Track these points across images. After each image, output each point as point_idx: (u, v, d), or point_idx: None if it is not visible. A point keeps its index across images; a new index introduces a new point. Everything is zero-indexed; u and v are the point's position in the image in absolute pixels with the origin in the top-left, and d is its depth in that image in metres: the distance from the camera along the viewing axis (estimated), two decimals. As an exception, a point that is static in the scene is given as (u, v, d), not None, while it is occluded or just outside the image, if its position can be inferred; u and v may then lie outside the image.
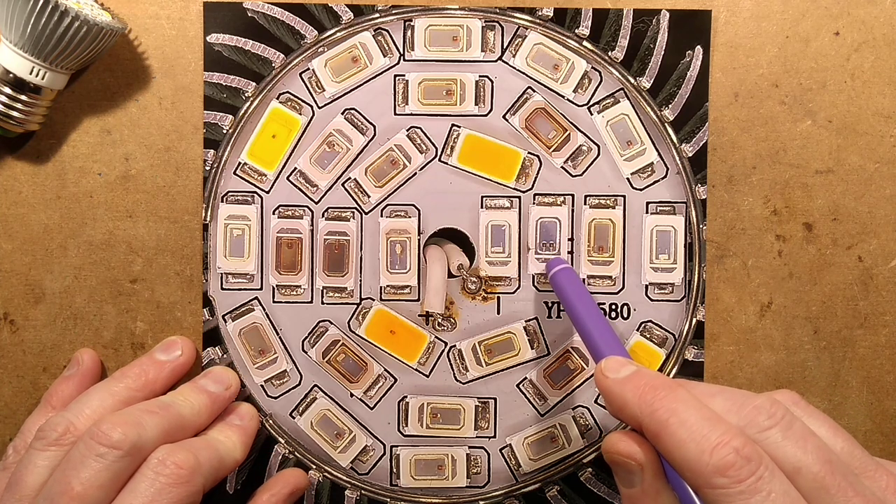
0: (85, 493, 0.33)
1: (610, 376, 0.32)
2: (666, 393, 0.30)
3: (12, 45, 0.38)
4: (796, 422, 0.29)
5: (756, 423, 0.29)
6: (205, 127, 0.42)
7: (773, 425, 0.29)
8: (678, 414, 0.29)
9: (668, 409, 0.30)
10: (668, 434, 0.29)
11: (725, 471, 0.28)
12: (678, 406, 0.30)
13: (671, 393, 0.30)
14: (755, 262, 0.42)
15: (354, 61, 0.42)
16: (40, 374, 0.42)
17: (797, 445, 0.29)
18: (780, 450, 0.29)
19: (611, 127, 0.42)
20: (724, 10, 0.42)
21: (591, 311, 0.37)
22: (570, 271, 0.40)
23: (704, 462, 0.28)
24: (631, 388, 0.31)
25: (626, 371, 0.32)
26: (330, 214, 0.42)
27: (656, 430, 0.30)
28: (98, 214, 0.42)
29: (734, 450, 0.28)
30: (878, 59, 0.42)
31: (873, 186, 0.42)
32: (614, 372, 0.32)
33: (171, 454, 0.35)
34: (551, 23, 0.42)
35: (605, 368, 0.33)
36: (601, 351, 0.35)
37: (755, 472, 0.28)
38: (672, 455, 0.29)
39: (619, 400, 0.31)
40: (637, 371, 0.32)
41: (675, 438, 0.29)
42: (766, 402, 0.30)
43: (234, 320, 0.42)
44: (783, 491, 0.28)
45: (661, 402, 0.30)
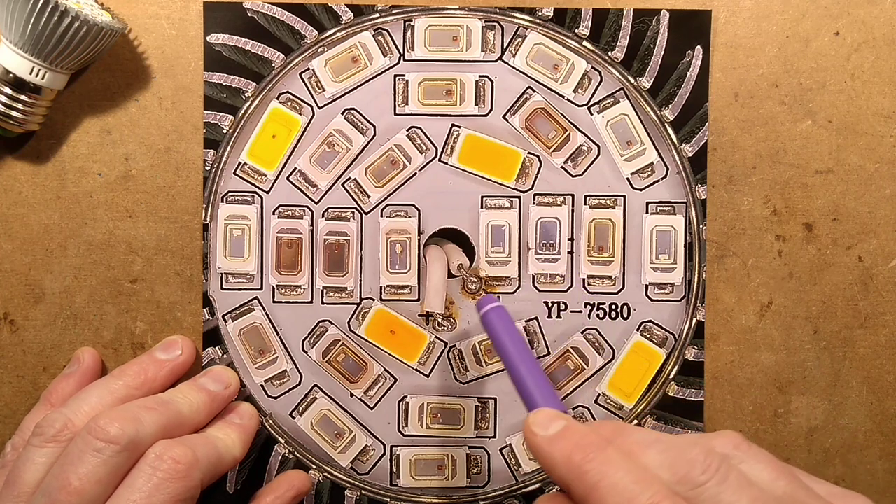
0: (83, 489, 0.33)
1: (538, 433, 0.31)
2: (595, 454, 0.29)
3: (12, 45, 0.38)
4: (732, 472, 0.29)
5: (689, 479, 0.28)
6: (205, 127, 0.42)
7: (707, 480, 0.28)
8: (607, 477, 0.28)
9: (598, 473, 0.29)
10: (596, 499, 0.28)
11: None
12: (607, 469, 0.29)
13: (600, 454, 0.29)
14: (755, 262, 0.42)
15: (354, 61, 0.42)
16: (40, 373, 0.42)
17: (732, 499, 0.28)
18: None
19: (611, 127, 0.42)
20: (724, 10, 0.42)
21: (524, 354, 0.36)
22: (502, 310, 0.38)
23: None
24: (559, 448, 0.30)
25: (555, 428, 0.31)
26: (330, 214, 0.42)
27: (584, 495, 0.29)
28: (98, 214, 0.42)
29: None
30: (878, 59, 0.42)
31: (873, 186, 0.42)
32: (543, 428, 0.31)
33: (169, 449, 0.35)
34: (551, 23, 0.42)
35: (532, 423, 0.31)
36: (533, 400, 0.34)
37: None
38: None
39: (547, 459, 0.30)
40: (566, 427, 0.31)
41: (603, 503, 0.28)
42: (700, 455, 0.29)
43: (234, 320, 0.42)
44: None
45: (590, 465, 0.29)
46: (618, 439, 0.30)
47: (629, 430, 0.31)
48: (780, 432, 0.42)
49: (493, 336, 0.37)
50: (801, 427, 0.42)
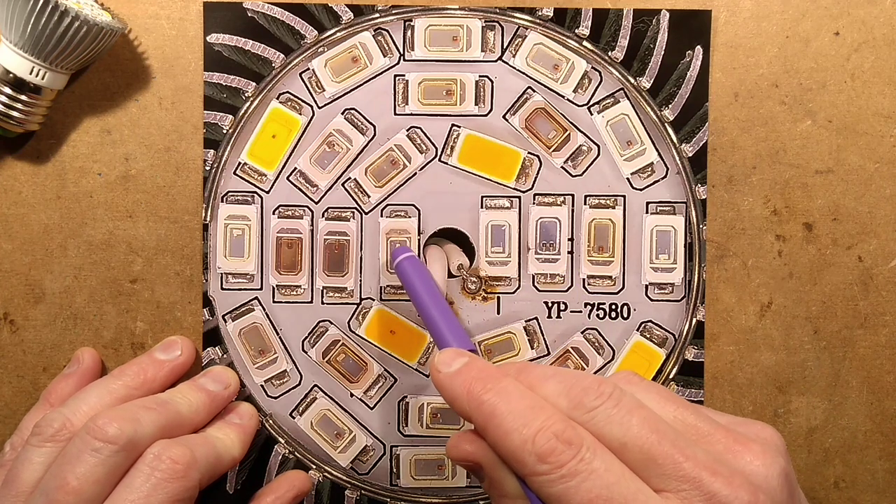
0: (81, 488, 0.33)
1: (441, 370, 0.32)
2: (492, 385, 0.30)
3: (12, 45, 0.38)
4: (625, 397, 0.29)
5: (583, 404, 0.29)
6: (205, 127, 0.42)
7: (599, 404, 0.29)
8: (502, 405, 0.30)
9: (493, 402, 0.30)
10: (494, 427, 0.29)
11: (546, 457, 0.28)
12: (502, 398, 0.30)
13: (497, 384, 0.30)
14: (755, 262, 0.42)
15: (354, 61, 0.42)
16: (40, 373, 0.42)
17: (623, 420, 0.29)
18: (606, 427, 0.29)
19: (611, 127, 0.42)
20: (724, 10, 0.42)
21: (435, 299, 0.37)
22: (414, 259, 0.39)
23: (527, 451, 0.28)
24: (459, 382, 0.31)
25: (458, 364, 0.32)
26: (330, 214, 0.42)
27: (483, 423, 0.30)
28: (98, 214, 0.42)
29: (554, 435, 0.28)
30: (878, 59, 0.42)
31: (873, 186, 0.42)
32: (446, 365, 0.32)
33: (167, 449, 0.35)
34: (551, 23, 0.42)
35: (437, 362, 0.32)
36: (443, 341, 0.35)
37: (576, 454, 0.28)
38: (498, 447, 0.29)
39: (449, 395, 0.31)
40: (467, 363, 0.32)
41: (499, 431, 0.29)
42: (593, 383, 0.30)
43: (234, 320, 0.42)
44: (605, 468, 0.28)
45: (486, 395, 0.30)
46: (520, 375, 0.31)
47: (532, 366, 0.32)
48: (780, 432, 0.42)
49: (406, 283, 0.39)
50: (801, 427, 0.42)
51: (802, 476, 0.42)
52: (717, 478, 0.28)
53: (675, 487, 0.28)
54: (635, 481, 0.28)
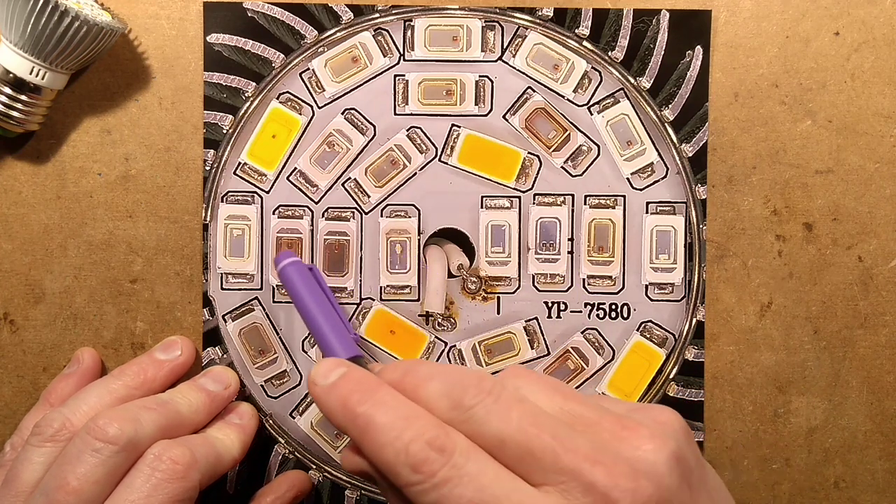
0: (81, 488, 0.33)
1: (318, 384, 0.31)
2: (367, 397, 0.29)
3: (12, 45, 0.38)
4: (504, 392, 0.29)
5: (462, 403, 0.29)
6: (205, 127, 0.42)
7: (478, 402, 0.29)
8: (376, 418, 0.29)
9: (366, 416, 0.29)
10: (369, 441, 0.29)
11: (419, 467, 0.27)
12: (377, 410, 0.29)
13: (371, 397, 0.29)
14: (755, 262, 0.42)
15: (354, 61, 0.42)
16: (40, 373, 0.42)
17: (501, 416, 0.28)
18: (484, 425, 0.28)
19: (611, 127, 0.42)
20: (724, 10, 0.42)
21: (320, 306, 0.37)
22: (299, 265, 0.39)
23: (401, 463, 0.28)
24: (335, 396, 0.30)
25: (334, 376, 0.31)
26: (330, 214, 0.42)
27: (359, 438, 0.29)
28: (98, 214, 0.42)
29: (427, 443, 0.28)
30: (878, 59, 0.42)
31: (873, 186, 0.42)
32: (323, 378, 0.31)
33: (168, 450, 0.35)
34: (551, 23, 0.42)
35: (314, 375, 0.31)
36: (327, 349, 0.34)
37: (448, 460, 0.27)
38: (375, 461, 0.29)
39: (325, 409, 0.31)
40: (344, 375, 0.31)
41: (374, 445, 0.29)
42: (474, 380, 0.29)
43: (234, 320, 0.42)
44: (478, 471, 0.27)
45: (360, 408, 0.29)
46: (405, 378, 0.30)
47: (417, 366, 0.31)
48: (780, 432, 0.42)
49: (289, 290, 0.38)
50: (801, 427, 0.42)
51: (802, 476, 0.42)
52: (597, 467, 0.27)
53: (554, 480, 0.27)
54: (512, 480, 0.28)
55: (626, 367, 0.42)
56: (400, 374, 0.31)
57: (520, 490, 0.27)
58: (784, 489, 0.42)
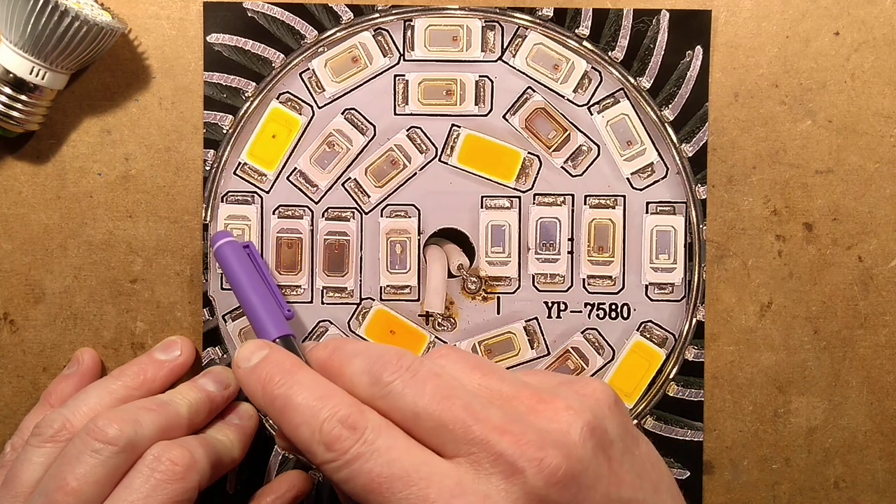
0: (80, 489, 0.33)
1: (241, 366, 0.32)
2: (284, 379, 0.30)
3: (12, 45, 0.38)
4: (422, 368, 0.29)
5: (381, 380, 0.29)
6: (205, 127, 0.42)
7: (395, 378, 0.29)
8: (294, 399, 0.29)
9: (284, 397, 0.30)
10: (286, 422, 0.29)
11: (332, 445, 0.28)
12: (294, 391, 0.30)
13: (289, 378, 0.30)
14: (755, 262, 0.42)
15: (354, 61, 0.42)
16: (40, 374, 0.42)
17: (416, 391, 0.29)
18: (400, 400, 0.29)
19: (611, 127, 0.42)
20: (724, 10, 0.42)
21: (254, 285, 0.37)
22: (234, 244, 0.39)
23: (316, 441, 0.28)
24: (255, 378, 0.31)
25: (256, 358, 0.31)
26: (330, 214, 0.42)
27: (277, 419, 0.30)
28: (98, 214, 0.42)
29: (339, 422, 0.28)
30: (878, 59, 0.42)
31: (873, 186, 0.42)
32: (245, 360, 0.32)
33: (167, 451, 0.35)
34: (551, 23, 0.42)
35: (237, 358, 0.32)
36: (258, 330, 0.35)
37: (360, 437, 0.28)
38: (294, 441, 0.29)
39: (247, 391, 0.31)
40: (265, 357, 0.31)
41: (291, 425, 0.29)
42: (394, 356, 0.30)
43: (234, 320, 0.42)
44: (388, 446, 0.28)
45: (278, 390, 0.30)
46: (333, 354, 0.31)
47: (344, 344, 0.31)
48: (780, 432, 0.42)
49: (224, 269, 0.39)
50: (801, 427, 0.42)
51: (802, 476, 0.42)
52: (505, 437, 0.28)
53: (465, 451, 0.28)
54: (422, 452, 0.28)
55: (626, 367, 0.42)
56: (328, 353, 0.31)
57: (429, 462, 0.28)
58: (784, 489, 0.42)
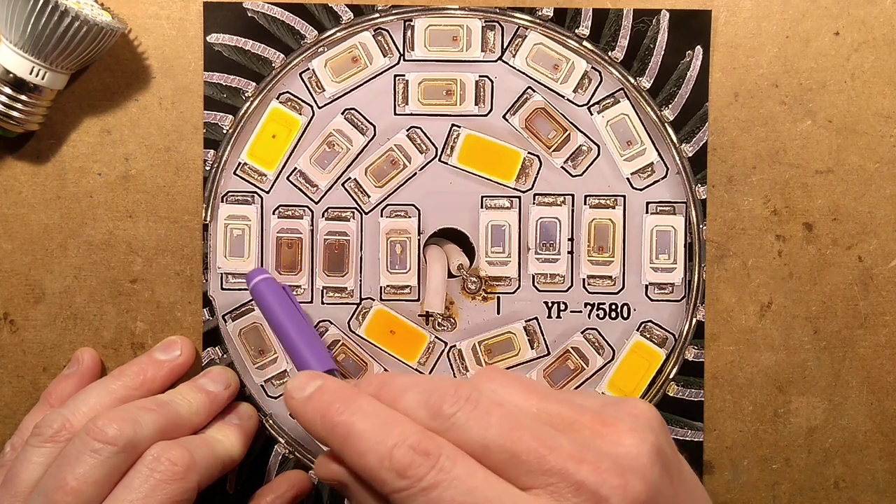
0: (79, 489, 0.33)
1: (295, 396, 0.31)
2: (346, 406, 0.29)
3: (12, 45, 0.38)
4: (482, 398, 0.29)
5: (442, 412, 0.29)
6: (205, 127, 0.42)
7: (456, 410, 0.28)
8: (357, 426, 0.29)
9: (346, 424, 0.29)
10: (350, 448, 0.29)
11: (405, 472, 0.27)
12: (355, 418, 0.29)
13: (349, 406, 0.29)
14: (755, 262, 0.42)
15: (354, 61, 0.42)
16: (40, 374, 0.42)
17: (481, 422, 0.28)
18: (466, 432, 0.28)
19: (611, 127, 0.42)
20: (724, 10, 0.42)
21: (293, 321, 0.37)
22: (271, 281, 0.40)
23: (385, 468, 0.28)
24: (312, 407, 0.30)
25: (311, 388, 0.31)
26: (330, 214, 0.42)
27: (339, 447, 0.29)
28: (98, 214, 0.42)
29: (411, 448, 0.28)
30: (878, 59, 0.42)
31: (873, 186, 0.42)
32: (299, 391, 0.31)
33: (166, 451, 0.35)
34: (551, 23, 0.42)
35: (290, 388, 0.32)
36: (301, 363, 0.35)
37: (435, 464, 0.27)
38: (357, 469, 0.29)
39: (304, 421, 0.31)
40: (321, 387, 0.31)
41: (356, 452, 0.28)
42: (451, 388, 0.29)
43: (234, 320, 0.42)
44: (467, 473, 0.27)
45: (340, 417, 0.29)
46: (381, 390, 0.30)
47: (392, 379, 0.31)
48: (780, 432, 0.42)
49: (262, 306, 0.39)
50: (801, 427, 0.42)
51: (802, 476, 0.42)
52: (583, 465, 0.27)
53: (542, 482, 0.27)
54: (500, 483, 0.27)
55: (626, 367, 0.42)
56: (376, 388, 0.31)
57: (510, 493, 0.27)
58: (784, 489, 0.42)
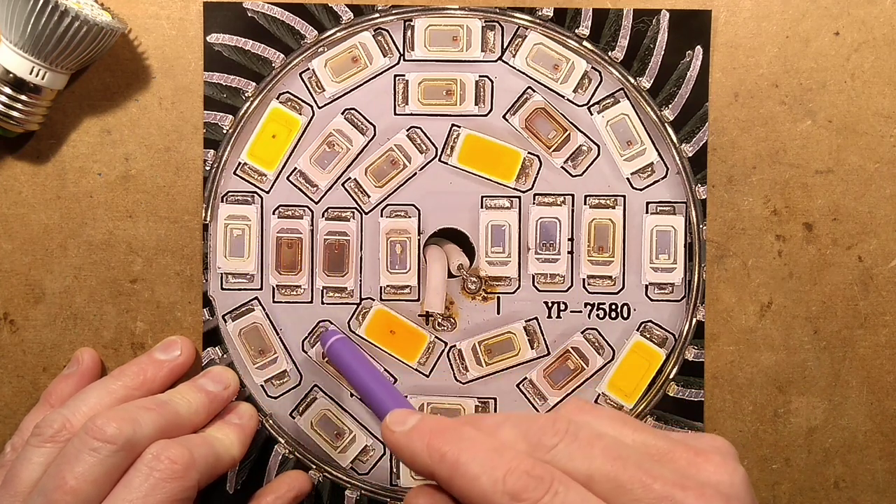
0: (79, 488, 0.33)
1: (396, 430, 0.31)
2: (452, 435, 0.30)
3: (12, 45, 0.38)
4: (582, 430, 0.29)
5: (542, 445, 0.29)
6: (205, 127, 0.42)
7: (558, 441, 0.29)
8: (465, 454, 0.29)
9: (456, 450, 0.29)
10: (460, 475, 0.29)
11: (520, 495, 0.28)
12: (465, 445, 0.29)
13: (457, 433, 0.30)
14: (755, 262, 0.42)
15: (354, 61, 0.42)
16: (40, 373, 0.42)
17: (584, 453, 0.29)
18: (570, 463, 0.29)
19: (611, 127, 0.42)
20: (724, 10, 0.42)
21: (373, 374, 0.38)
22: (346, 340, 0.40)
23: (499, 492, 0.28)
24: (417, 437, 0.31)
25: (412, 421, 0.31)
26: (330, 214, 0.42)
27: (448, 473, 0.29)
28: (98, 214, 0.42)
29: (525, 473, 0.28)
30: (878, 59, 0.42)
31: (873, 186, 0.42)
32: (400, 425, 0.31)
33: (166, 449, 0.35)
34: (551, 23, 0.42)
35: (390, 423, 0.32)
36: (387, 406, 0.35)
37: (549, 488, 0.28)
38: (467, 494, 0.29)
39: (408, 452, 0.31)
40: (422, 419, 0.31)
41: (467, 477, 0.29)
42: (548, 422, 0.30)
43: (234, 320, 0.42)
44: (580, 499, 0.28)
45: (448, 445, 0.30)
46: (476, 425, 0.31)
47: (481, 417, 0.31)
48: (780, 432, 0.42)
49: (342, 365, 0.39)
50: (801, 427, 0.42)
51: (802, 476, 0.42)
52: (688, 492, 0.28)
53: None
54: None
55: (626, 367, 0.42)
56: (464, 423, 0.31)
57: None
58: (784, 489, 0.42)
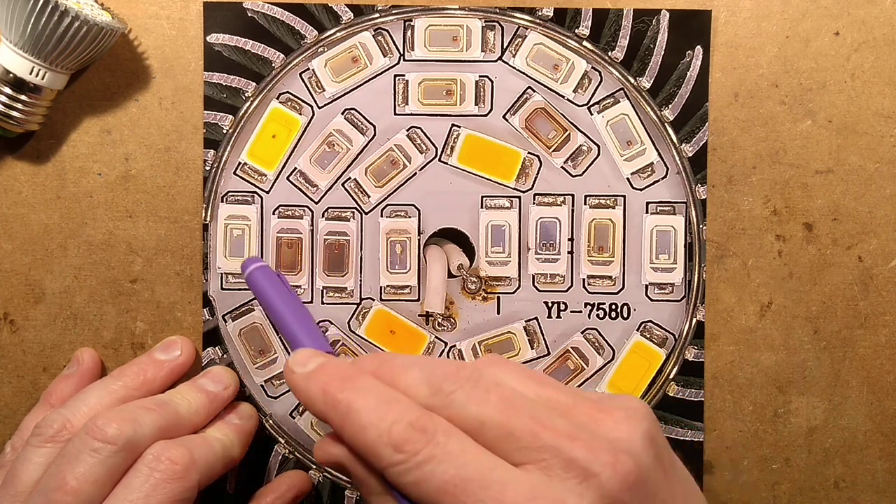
0: (79, 488, 0.33)
1: (297, 370, 0.32)
2: (347, 384, 0.30)
3: (12, 45, 0.38)
4: (482, 379, 0.30)
5: (442, 389, 0.29)
6: (205, 127, 0.42)
7: (457, 388, 0.29)
8: (357, 403, 0.29)
9: (348, 400, 0.30)
10: (350, 424, 0.29)
11: (402, 446, 0.28)
12: (357, 395, 0.30)
13: (352, 383, 0.30)
14: (755, 262, 0.42)
15: (354, 61, 0.42)
16: (40, 374, 0.42)
17: (480, 400, 0.29)
18: (463, 409, 0.29)
19: (611, 127, 0.42)
20: (724, 10, 0.42)
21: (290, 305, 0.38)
22: (266, 269, 0.40)
23: (383, 443, 0.28)
24: (314, 383, 0.31)
25: (313, 364, 0.32)
26: (330, 214, 0.42)
27: (339, 423, 0.30)
28: (98, 214, 0.42)
29: (409, 424, 0.28)
30: (878, 59, 0.42)
31: (873, 186, 0.42)
32: (301, 366, 0.32)
33: (166, 450, 0.35)
34: (551, 23, 0.42)
35: (291, 363, 0.32)
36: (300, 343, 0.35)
37: (431, 439, 0.28)
38: (356, 444, 0.29)
39: (304, 395, 0.31)
40: (323, 364, 0.31)
41: (355, 427, 0.29)
42: (453, 368, 0.30)
43: (234, 320, 0.42)
44: (460, 449, 0.28)
45: (341, 394, 0.30)
46: (381, 368, 0.31)
47: (392, 357, 0.32)
48: (780, 432, 0.42)
49: (259, 293, 0.39)
50: (801, 427, 0.42)
51: (802, 476, 0.42)
52: (576, 443, 0.28)
53: (535, 458, 0.28)
54: (493, 458, 0.28)
55: (626, 367, 0.42)
56: (376, 366, 0.31)
57: (502, 467, 0.28)
58: (784, 489, 0.42)
